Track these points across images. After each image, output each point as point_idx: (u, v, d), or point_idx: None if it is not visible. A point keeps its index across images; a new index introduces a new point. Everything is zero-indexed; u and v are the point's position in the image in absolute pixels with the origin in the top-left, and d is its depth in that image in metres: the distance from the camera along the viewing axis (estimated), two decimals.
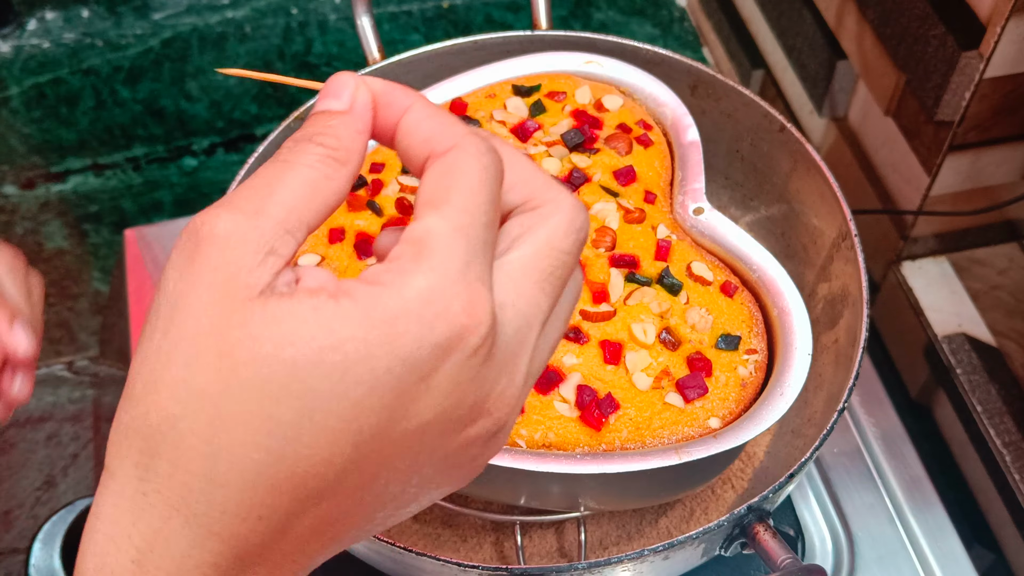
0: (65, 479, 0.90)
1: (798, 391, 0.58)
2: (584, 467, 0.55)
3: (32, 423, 0.93)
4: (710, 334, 0.61)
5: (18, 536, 0.87)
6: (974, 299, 0.85)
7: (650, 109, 0.73)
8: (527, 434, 0.57)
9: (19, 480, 0.90)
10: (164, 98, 1.14)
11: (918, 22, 0.75)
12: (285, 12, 1.20)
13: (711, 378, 0.59)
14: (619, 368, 0.59)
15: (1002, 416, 0.79)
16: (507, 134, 0.70)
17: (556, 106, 0.72)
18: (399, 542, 0.56)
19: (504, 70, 0.75)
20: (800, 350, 0.60)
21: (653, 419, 0.58)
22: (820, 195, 0.71)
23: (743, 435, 0.56)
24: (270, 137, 0.73)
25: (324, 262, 0.65)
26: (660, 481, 0.60)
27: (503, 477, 0.58)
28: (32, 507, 0.88)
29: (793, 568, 0.55)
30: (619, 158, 0.69)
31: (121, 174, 1.08)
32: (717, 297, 0.63)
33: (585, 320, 0.61)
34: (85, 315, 1.00)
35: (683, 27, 1.20)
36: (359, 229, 0.66)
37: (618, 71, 0.74)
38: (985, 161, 0.79)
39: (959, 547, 0.75)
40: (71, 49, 1.17)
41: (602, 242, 0.64)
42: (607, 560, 0.55)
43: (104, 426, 0.93)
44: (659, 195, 0.68)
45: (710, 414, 0.58)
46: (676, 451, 0.56)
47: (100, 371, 0.96)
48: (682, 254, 0.64)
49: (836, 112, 0.92)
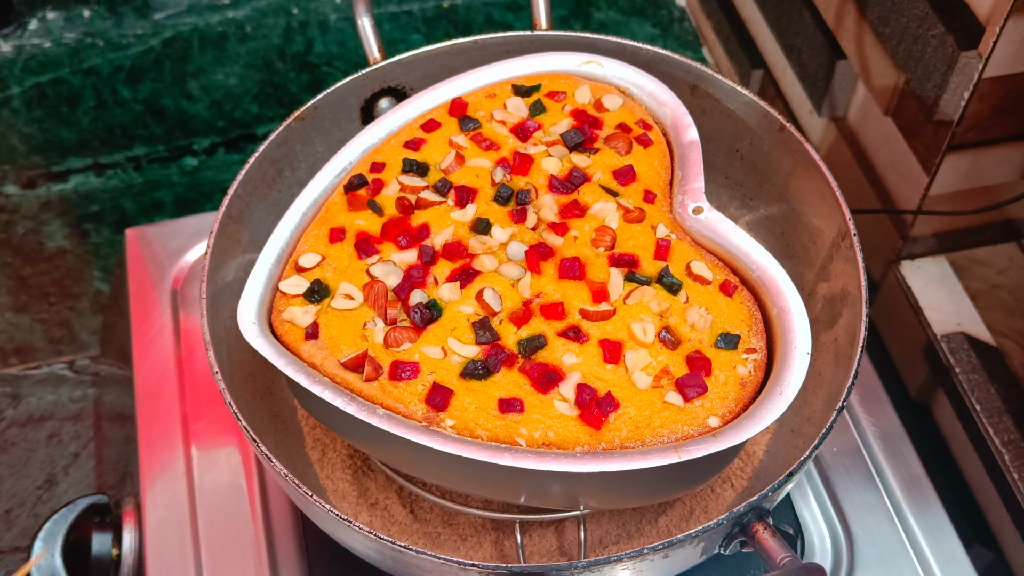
0: (66, 478, 0.90)
1: (797, 390, 0.58)
2: (584, 466, 0.55)
3: (33, 422, 0.93)
4: (709, 333, 0.61)
5: (19, 535, 0.87)
6: (973, 298, 0.85)
7: (650, 109, 0.73)
8: (527, 433, 0.57)
9: (20, 479, 0.90)
10: (165, 98, 1.14)
11: (917, 22, 0.75)
12: (286, 12, 1.21)
13: (710, 377, 0.59)
14: (619, 367, 0.59)
15: (1001, 415, 0.79)
16: (507, 134, 0.71)
17: (556, 106, 0.72)
18: (399, 541, 0.56)
19: (504, 70, 0.75)
20: (799, 349, 0.60)
21: (653, 418, 0.58)
22: (820, 195, 0.71)
23: (742, 434, 0.56)
24: (271, 137, 0.73)
25: (325, 261, 0.65)
26: (660, 480, 0.60)
27: (503, 476, 0.59)
28: (33, 506, 0.88)
29: (792, 567, 0.55)
30: (619, 158, 0.69)
31: (122, 174, 1.09)
32: (716, 296, 0.63)
33: (585, 319, 0.61)
34: (86, 314, 1.00)
35: (683, 27, 1.20)
36: (359, 228, 0.66)
37: (618, 71, 0.74)
38: (984, 161, 0.79)
39: (958, 546, 0.75)
40: (72, 49, 1.17)
41: (602, 241, 0.64)
42: (607, 559, 0.55)
43: (105, 425, 0.93)
44: (659, 194, 0.68)
45: (709, 413, 0.58)
46: (676, 450, 0.56)
47: (101, 370, 0.97)
48: (682, 253, 0.65)
49: (836, 112, 0.93)
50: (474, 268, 0.63)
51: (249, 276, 0.65)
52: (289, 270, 0.66)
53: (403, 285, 0.63)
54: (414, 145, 0.71)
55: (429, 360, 0.60)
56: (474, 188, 0.67)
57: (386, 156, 0.70)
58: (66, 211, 1.06)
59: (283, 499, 0.78)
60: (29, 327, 0.99)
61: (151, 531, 0.77)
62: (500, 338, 0.60)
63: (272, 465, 0.60)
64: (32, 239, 1.04)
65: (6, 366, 0.97)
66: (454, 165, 0.69)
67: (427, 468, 0.63)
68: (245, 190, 0.72)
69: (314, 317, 0.63)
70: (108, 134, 1.11)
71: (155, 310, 0.89)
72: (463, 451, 0.56)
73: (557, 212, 0.66)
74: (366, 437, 0.62)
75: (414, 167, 0.69)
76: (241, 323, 0.62)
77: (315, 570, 0.74)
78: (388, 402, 0.59)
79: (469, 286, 0.63)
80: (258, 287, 0.64)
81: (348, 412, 0.58)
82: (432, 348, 0.60)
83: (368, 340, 0.61)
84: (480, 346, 0.60)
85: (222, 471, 0.79)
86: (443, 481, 0.67)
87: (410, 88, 0.80)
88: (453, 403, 0.58)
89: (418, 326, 0.61)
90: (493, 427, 0.58)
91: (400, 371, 0.59)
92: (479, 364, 0.59)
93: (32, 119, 1.12)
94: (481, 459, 0.56)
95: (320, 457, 0.75)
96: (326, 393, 0.59)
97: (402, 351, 0.60)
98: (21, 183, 1.08)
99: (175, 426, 0.82)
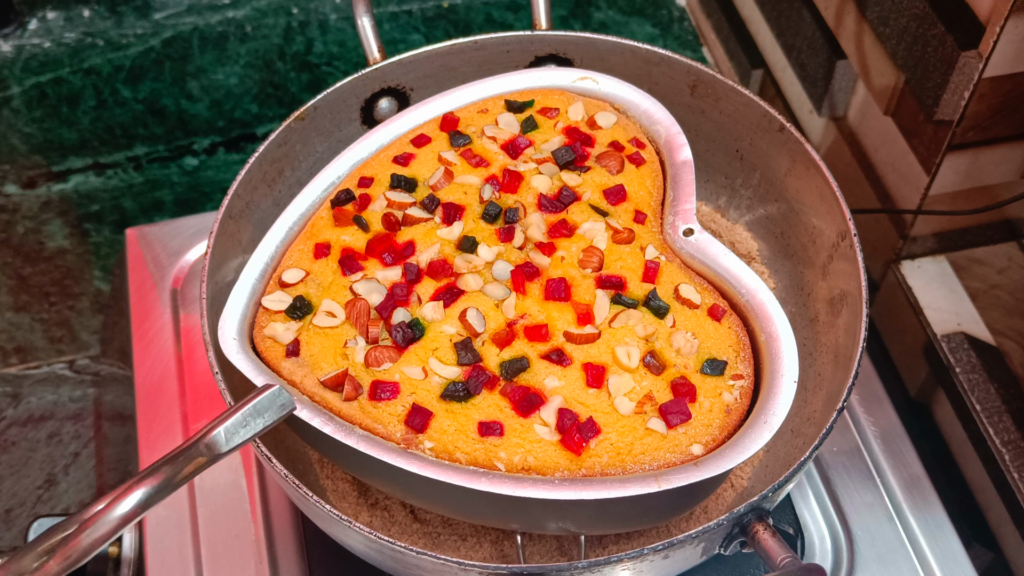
0: (66, 478, 0.90)
1: (783, 419, 0.57)
2: (562, 493, 0.54)
3: (33, 422, 0.93)
4: (696, 358, 0.60)
5: (19, 535, 0.87)
6: (973, 298, 0.85)
7: (643, 127, 0.72)
8: (506, 457, 0.57)
9: (20, 479, 0.90)
10: (165, 97, 1.14)
11: (917, 22, 0.75)
12: (286, 12, 1.20)
13: (695, 403, 0.58)
14: (601, 392, 0.59)
15: (1001, 415, 0.79)
16: (497, 150, 0.70)
17: (548, 122, 0.72)
18: (399, 541, 0.56)
19: (498, 85, 0.74)
20: (787, 377, 0.59)
21: (634, 444, 0.57)
22: (820, 195, 0.71)
23: (725, 463, 0.55)
24: (271, 137, 0.73)
25: (308, 277, 0.65)
26: (641, 508, 0.59)
27: (481, 500, 0.58)
28: (33, 506, 0.88)
29: (792, 567, 0.55)
30: (610, 177, 0.68)
31: (122, 173, 1.09)
32: (704, 321, 0.62)
33: (569, 342, 0.60)
34: (86, 314, 1.00)
35: (683, 27, 1.20)
36: (344, 244, 0.66)
37: (612, 87, 0.74)
38: (984, 160, 0.79)
39: (958, 546, 0.75)
40: (72, 49, 1.17)
41: (589, 262, 0.63)
42: (607, 559, 0.55)
43: (105, 425, 0.93)
44: (649, 215, 0.67)
45: (693, 440, 0.57)
46: (656, 478, 0.55)
47: (101, 370, 0.97)
48: (670, 276, 0.64)
49: (835, 112, 0.92)
50: (458, 287, 0.63)
51: (232, 290, 0.64)
52: (272, 285, 0.65)
53: (386, 303, 0.62)
54: (403, 160, 0.70)
55: (410, 380, 0.59)
56: (462, 205, 0.67)
57: (375, 171, 0.70)
58: (66, 211, 1.06)
59: (283, 499, 0.78)
60: (29, 327, 0.99)
61: (151, 531, 0.77)
62: (482, 360, 0.60)
63: (272, 465, 0.60)
64: (32, 239, 1.04)
65: (6, 366, 0.97)
66: (442, 181, 0.68)
67: (406, 490, 0.63)
68: (245, 190, 0.72)
69: (295, 334, 0.62)
70: (108, 134, 1.11)
71: (155, 310, 0.89)
72: (440, 475, 0.55)
73: (545, 231, 0.65)
74: (345, 457, 0.62)
75: (402, 183, 0.68)
76: (221, 339, 0.62)
77: (315, 570, 0.75)
78: (367, 422, 0.58)
79: (453, 305, 0.62)
80: (241, 302, 0.64)
81: (325, 432, 0.58)
82: (413, 368, 0.60)
83: (349, 359, 0.60)
84: (462, 367, 0.60)
85: (222, 471, 0.79)
86: (423, 503, 0.66)
87: (410, 88, 0.80)
88: (432, 425, 0.58)
89: (400, 346, 0.60)
90: (472, 450, 0.57)
91: (380, 391, 0.59)
92: (460, 386, 0.59)
93: (32, 119, 1.12)
94: (458, 484, 0.55)
95: (320, 457, 0.75)
96: (304, 412, 0.58)
97: (382, 371, 0.60)
98: (21, 183, 1.08)
99: (175, 426, 0.82)
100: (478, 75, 0.77)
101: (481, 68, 0.79)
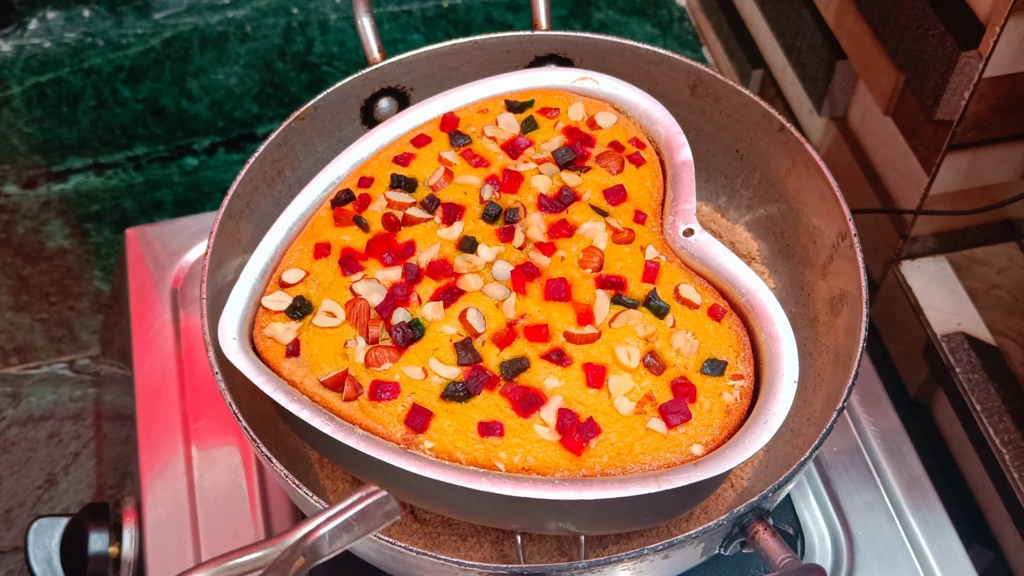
0: (66, 478, 0.90)
1: (783, 419, 0.57)
2: (561, 493, 0.54)
3: (33, 422, 0.93)
4: (696, 359, 0.60)
5: (19, 535, 0.87)
6: (973, 298, 0.85)
7: (643, 127, 0.72)
8: (506, 457, 0.57)
9: (20, 479, 0.90)
10: (165, 97, 1.14)
11: (917, 22, 0.75)
12: (286, 12, 1.20)
13: (695, 404, 0.58)
14: (601, 392, 0.59)
15: (1001, 415, 0.79)
16: (497, 150, 0.70)
17: (548, 122, 0.72)
18: (399, 541, 0.56)
19: (498, 85, 0.74)
20: (787, 377, 0.59)
21: (634, 445, 0.57)
22: (820, 195, 0.71)
23: (725, 463, 0.55)
24: (271, 137, 0.73)
25: (308, 277, 0.65)
26: (641, 508, 0.59)
27: (481, 500, 0.58)
28: (33, 506, 0.88)
29: (792, 567, 0.55)
30: (610, 177, 0.68)
31: (122, 173, 1.09)
32: (704, 321, 0.62)
33: (569, 342, 0.60)
34: (86, 314, 1.00)
35: (683, 27, 1.20)
36: (344, 244, 0.66)
37: (612, 87, 0.74)
38: (984, 160, 0.79)
39: (958, 546, 0.75)
40: (72, 49, 1.17)
41: (589, 262, 0.63)
42: (607, 559, 0.55)
43: (105, 425, 0.93)
44: (649, 215, 0.67)
45: (693, 440, 0.57)
46: (656, 479, 0.55)
47: (101, 370, 0.97)
48: (670, 276, 0.64)
49: (835, 112, 0.93)
50: (458, 287, 0.63)
51: (232, 290, 0.64)
52: (273, 285, 0.65)
53: (386, 303, 0.62)
54: (403, 160, 0.70)
55: (410, 380, 0.59)
56: (462, 205, 0.67)
57: (375, 171, 0.70)
58: (66, 211, 1.06)
59: (283, 499, 0.78)
60: (29, 327, 0.99)
61: (151, 531, 0.77)
62: (482, 360, 0.60)
63: (272, 465, 0.60)
64: (32, 239, 1.04)
65: (6, 366, 0.97)
66: (443, 181, 0.68)
67: (406, 491, 0.63)
68: (245, 190, 0.72)
69: (296, 334, 0.62)
70: (108, 134, 1.11)
71: (155, 310, 0.89)
72: (440, 475, 0.55)
73: (545, 231, 0.65)
74: (345, 457, 0.62)
75: (402, 183, 0.68)
76: (221, 339, 0.62)
77: (315, 570, 0.74)
78: (367, 423, 0.58)
79: (453, 306, 0.62)
80: (241, 302, 0.64)
81: (325, 432, 0.58)
82: (413, 368, 0.60)
83: (349, 359, 0.60)
84: (462, 367, 0.60)
85: (222, 471, 0.79)
86: (423, 503, 0.66)
87: (410, 88, 0.80)
88: (432, 425, 0.58)
89: (400, 346, 0.60)
90: (472, 451, 0.57)
91: (380, 391, 0.59)
92: (460, 386, 0.59)
93: (32, 119, 1.12)
94: (458, 484, 0.55)
95: (320, 457, 0.75)
96: (304, 412, 0.58)
97: (382, 371, 0.60)
98: (21, 183, 1.08)
99: (175, 426, 0.82)
100: (478, 75, 0.77)
101: (481, 68, 0.79)
